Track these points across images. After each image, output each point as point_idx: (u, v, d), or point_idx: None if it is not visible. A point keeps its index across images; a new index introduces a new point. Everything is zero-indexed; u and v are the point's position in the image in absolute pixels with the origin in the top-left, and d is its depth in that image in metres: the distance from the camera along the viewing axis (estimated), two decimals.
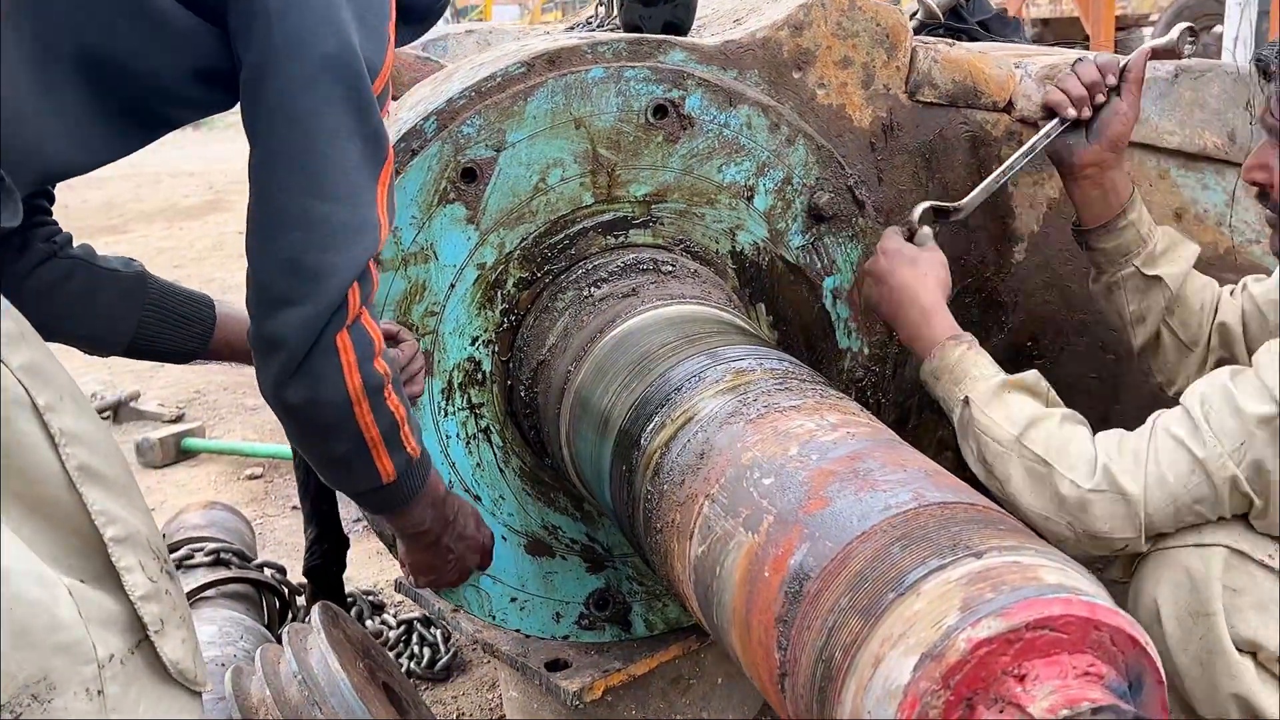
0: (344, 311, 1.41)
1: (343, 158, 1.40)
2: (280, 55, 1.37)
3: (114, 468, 1.37)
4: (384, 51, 1.46)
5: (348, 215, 1.41)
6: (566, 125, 1.93)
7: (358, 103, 1.40)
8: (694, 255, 2.05)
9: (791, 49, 2.06)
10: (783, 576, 1.25)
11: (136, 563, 1.35)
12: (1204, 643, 1.58)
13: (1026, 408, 1.72)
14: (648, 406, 1.65)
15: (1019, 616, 1.05)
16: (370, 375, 1.46)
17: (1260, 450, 1.54)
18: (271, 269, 1.41)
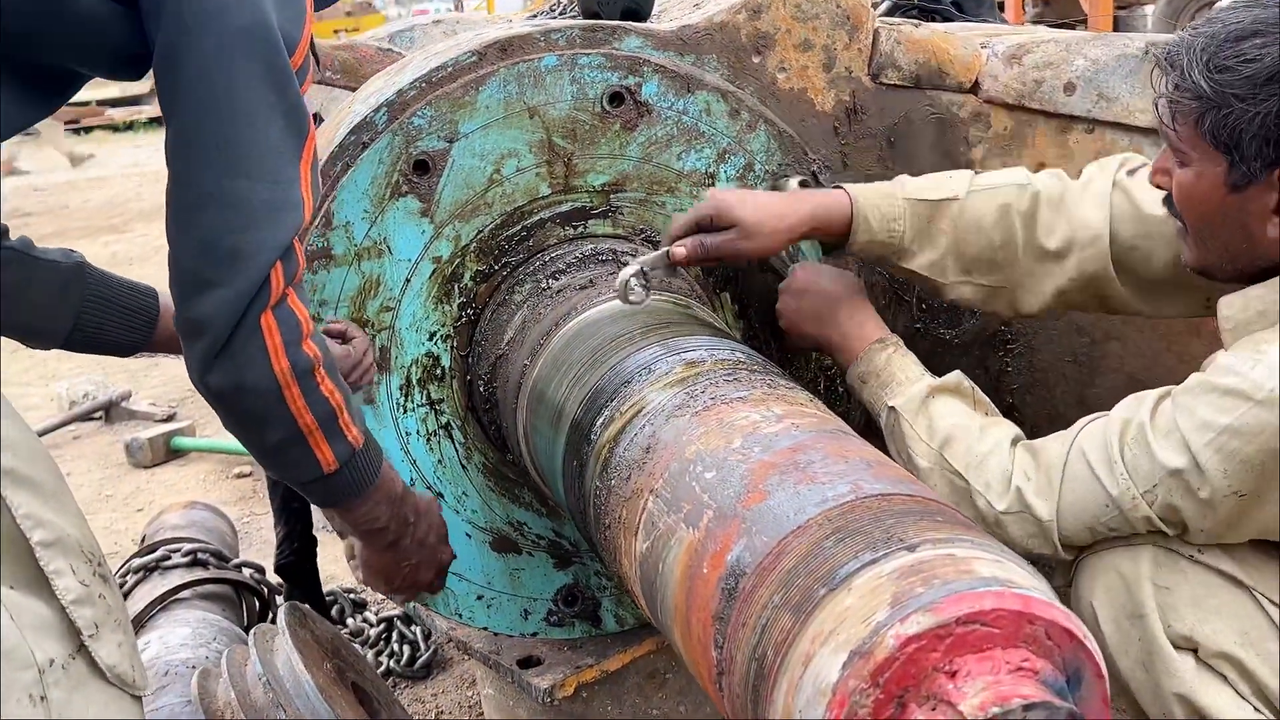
0: (266, 292, 1.38)
1: (262, 135, 1.36)
2: (193, 31, 1.33)
3: (40, 471, 1.35)
4: (301, 23, 1.43)
5: (268, 193, 1.37)
6: (520, 115, 1.90)
7: (276, 77, 1.37)
8: (655, 245, 2.01)
9: (750, 33, 2.02)
10: (720, 573, 1.22)
11: (67, 566, 1.33)
12: (1142, 644, 1.55)
13: (949, 417, 1.71)
14: (599, 399, 1.63)
15: (949, 611, 1.02)
16: (298, 358, 1.42)
17: (1173, 498, 1.50)
18: (191, 250, 1.38)
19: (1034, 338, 2.26)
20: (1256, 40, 1.47)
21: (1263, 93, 1.45)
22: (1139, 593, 1.54)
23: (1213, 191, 1.54)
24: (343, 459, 1.53)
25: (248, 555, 3.10)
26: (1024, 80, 2.14)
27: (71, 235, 9.50)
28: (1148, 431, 1.51)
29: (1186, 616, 1.52)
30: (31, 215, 10.17)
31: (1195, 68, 1.50)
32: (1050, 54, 2.15)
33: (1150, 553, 1.54)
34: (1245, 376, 1.45)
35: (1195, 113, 1.51)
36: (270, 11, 1.37)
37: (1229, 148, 1.49)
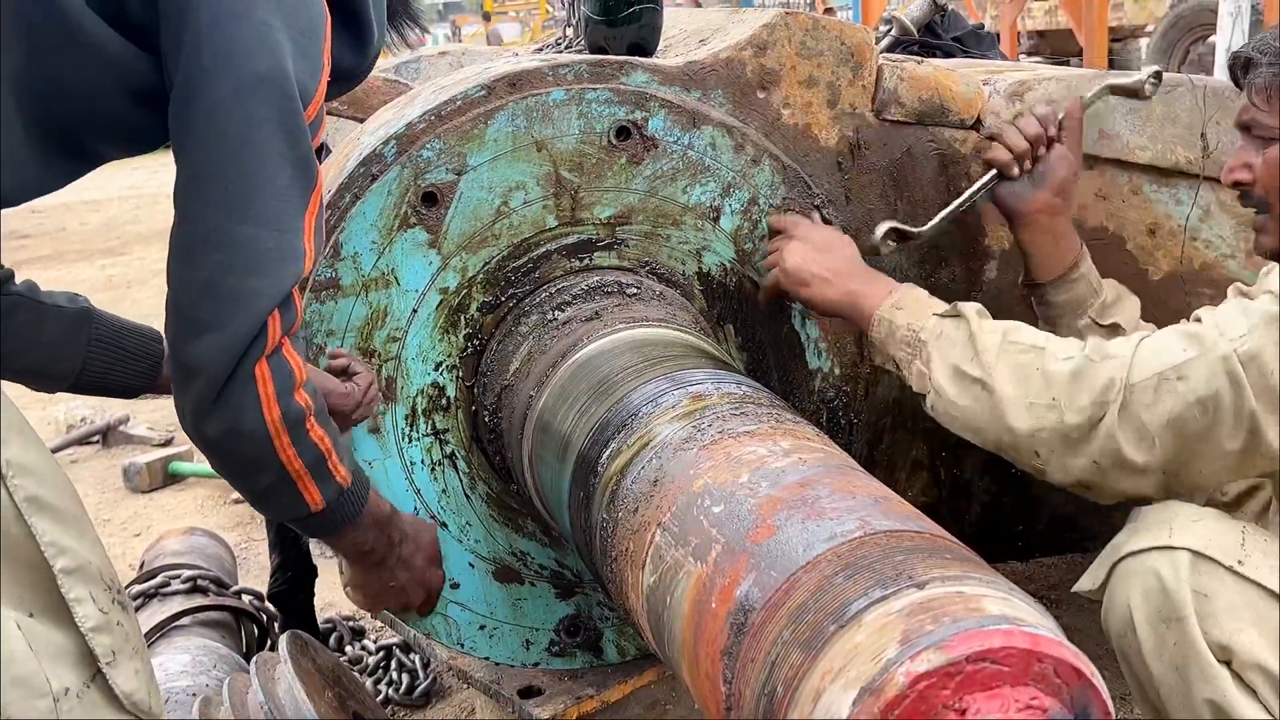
0: (263, 340, 1.38)
1: (270, 181, 1.37)
2: (210, 73, 1.34)
3: (64, 499, 1.36)
4: (318, 76, 1.44)
5: (272, 240, 1.37)
6: (528, 148, 1.92)
7: (289, 126, 1.37)
8: (660, 277, 2.03)
9: (755, 69, 2.04)
10: (729, 608, 1.23)
11: (87, 594, 1.34)
12: (1178, 648, 1.56)
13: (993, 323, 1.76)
14: (605, 432, 1.64)
15: (959, 649, 1.02)
16: (290, 408, 1.43)
17: (1260, 342, 1.54)
18: (191, 292, 1.38)
19: None
20: None
21: None
22: (1178, 596, 1.55)
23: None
24: (330, 499, 1.55)
25: (246, 581, 3.09)
26: None
27: (69, 258, 9.51)
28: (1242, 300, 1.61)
29: (1225, 624, 1.53)
30: (29, 238, 10.18)
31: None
32: (1051, 92, 2.17)
33: (1189, 558, 1.56)
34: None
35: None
36: (288, 61, 1.38)
37: None
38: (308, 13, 1.43)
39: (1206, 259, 2.27)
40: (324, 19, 1.46)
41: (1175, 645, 1.55)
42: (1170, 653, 1.56)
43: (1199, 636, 1.55)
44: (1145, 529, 1.63)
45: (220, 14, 1.35)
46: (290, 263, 1.39)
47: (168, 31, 1.37)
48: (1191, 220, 2.25)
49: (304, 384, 1.45)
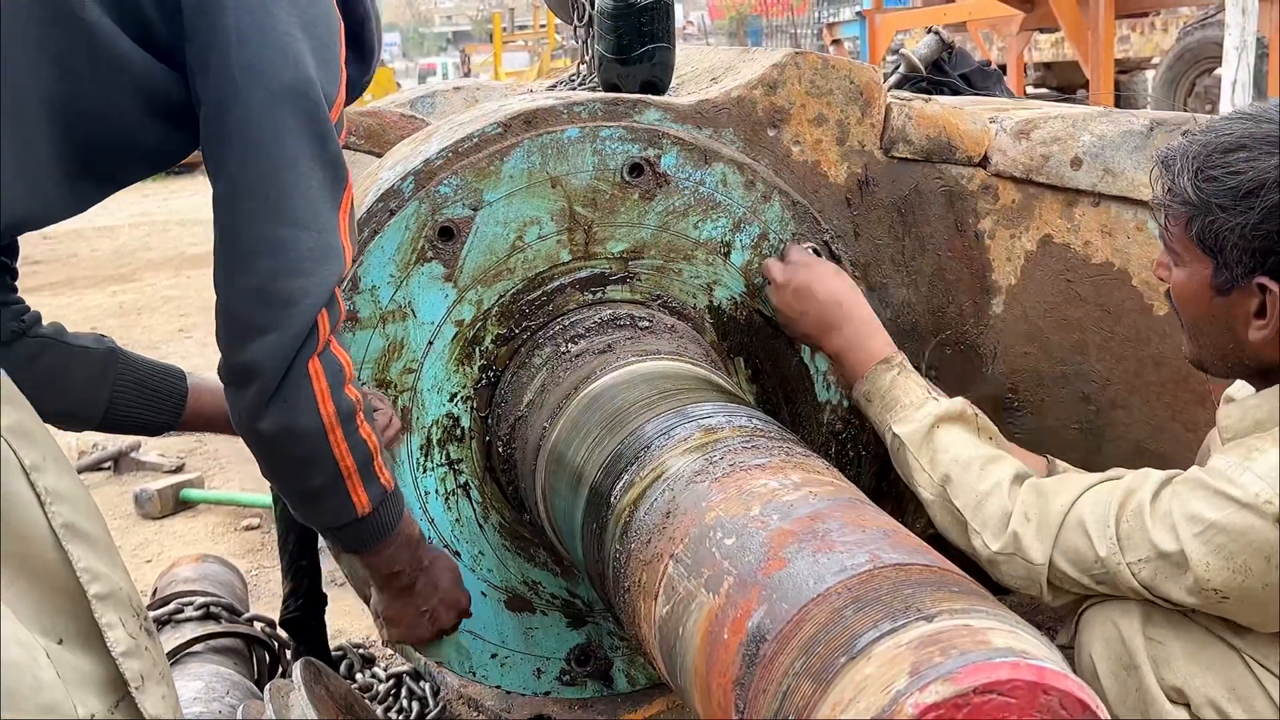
0: (315, 338, 1.44)
1: (305, 185, 1.43)
2: (239, 87, 1.40)
3: (96, 526, 1.39)
4: (338, 81, 1.50)
5: (313, 241, 1.43)
6: (543, 184, 1.96)
7: (317, 130, 1.44)
8: (671, 311, 2.06)
9: (766, 107, 2.08)
10: (741, 639, 1.26)
11: (118, 619, 1.37)
12: (1138, 695, 1.59)
13: (952, 449, 1.77)
14: (619, 464, 1.67)
15: (967, 681, 1.05)
16: (343, 402, 1.48)
17: (1158, 579, 1.56)
18: (241, 298, 1.44)
19: (1041, 405, 2.30)
20: (1243, 154, 1.56)
21: (1243, 204, 1.54)
22: (1132, 643, 1.58)
23: (1201, 292, 1.63)
24: (376, 501, 1.59)
25: (257, 608, 3.11)
26: (1032, 155, 2.20)
27: (80, 284, 9.57)
28: (1145, 509, 1.57)
29: (1179, 669, 1.56)
30: (40, 264, 10.25)
31: (1186, 174, 1.60)
32: (1058, 130, 2.21)
33: (1142, 606, 1.59)
34: (1234, 481, 1.52)
35: (1184, 217, 1.61)
36: (312, 69, 1.44)
37: (1214, 252, 1.59)
38: (325, 23, 1.50)
39: None
40: (339, 29, 1.53)
41: (1136, 692, 1.58)
42: (1132, 699, 1.59)
43: (1154, 683, 1.57)
44: None
45: (245, 31, 1.40)
46: (332, 261, 1.46)
47: (194, 50, 1.42)
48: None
49: (353, 379, 1.51)
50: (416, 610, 1.84)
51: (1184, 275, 1.65)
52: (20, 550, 1.30)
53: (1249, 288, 1.57)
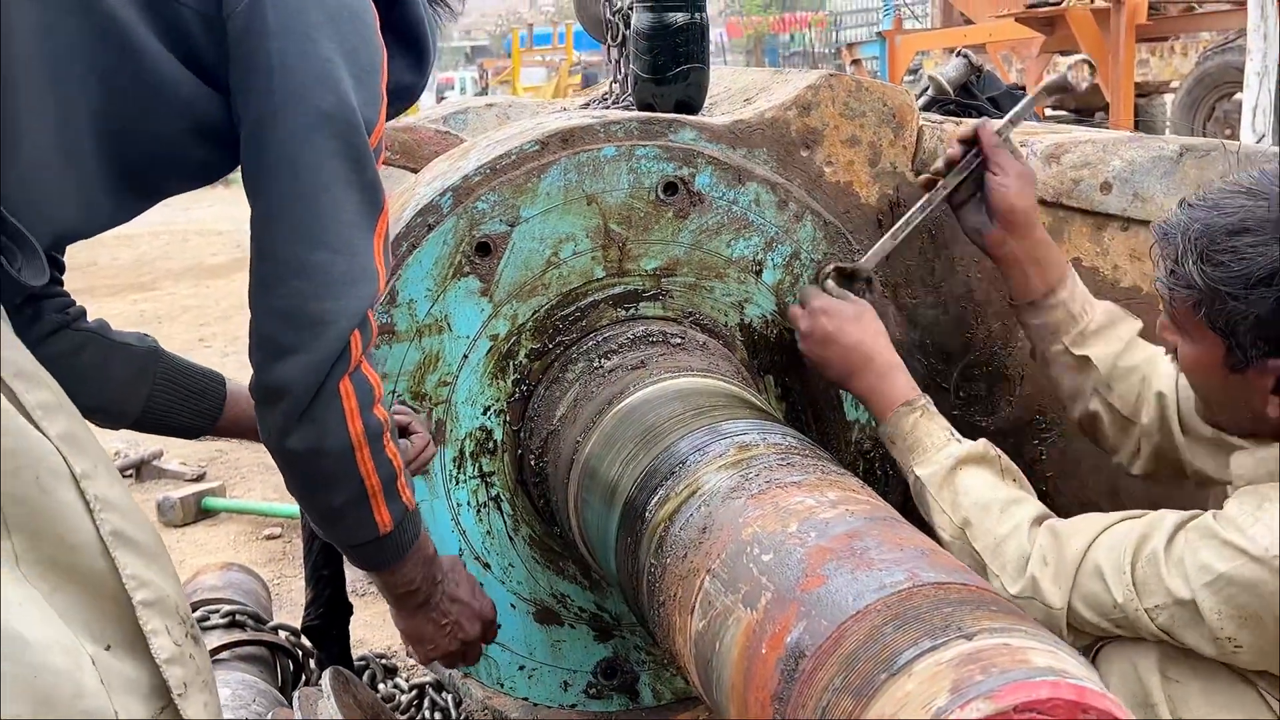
0: (346, 358, 1.45)
1: (340, 209, 1.45)
2: (280, 111, 1.42)
3: (144, 533, 1.41)
4: (378, 106, 1.51)
5: (346, 264, 1.45)
6: (579, 201, 1.98)
7: (354, 155, 1.45)
8: (703, 328, 2.08)
9: (799, 128, 2.10)
10: (779, 654, 1.27)
11: (163, 627, 1.39)
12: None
13: (973, 493, 1.77)
14: (653, 479, 1.68)
15: (1007, 699, 1.06)
16: (371, 421, 1.50)
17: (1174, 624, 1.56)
18: (273, 318, 1.45)
19: (1068, 427, 2.31)
20: (1248, 238, 1.52)
21: (1255, 293, 1.51)
22: (1149, 683, 1.59)
23: (1214, 369, 1.60)
24: (397, 519, 1.60)
25: (279, 617, 3.13)
26: (1062, 179, 2.22)
27: (100, 292, 9.63)
28: (1160, 555, 1.57)
29: (1196, 708, 1.56)
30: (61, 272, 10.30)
31: (1190, 257, 1.56)
32: (1088, 154, 2.23)
33: (1160, 645, 1.59)
34: (1244, 532, 1.51)
35: (1191, 300, 1.57)
36: (351, 94, 1.45)
37: (1226, 334, 1.55)
38: (367, 50, 1.51)
39: None
40: (382, 56, 1.54)
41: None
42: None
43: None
44: None
45: (287, 57, 1.42)
46: (364, 284, 1.47)
47: (237, 73, 1.45)
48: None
49: (381, 400, 1.52)
50: (437, 625, 1.83)
51: (1194, 351, 1.62)
52: (68, 559, 1.32)
53: (1265, 367, 1.54)
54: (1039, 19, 10.31)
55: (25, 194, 1.38)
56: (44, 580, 1.31)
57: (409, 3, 1.65)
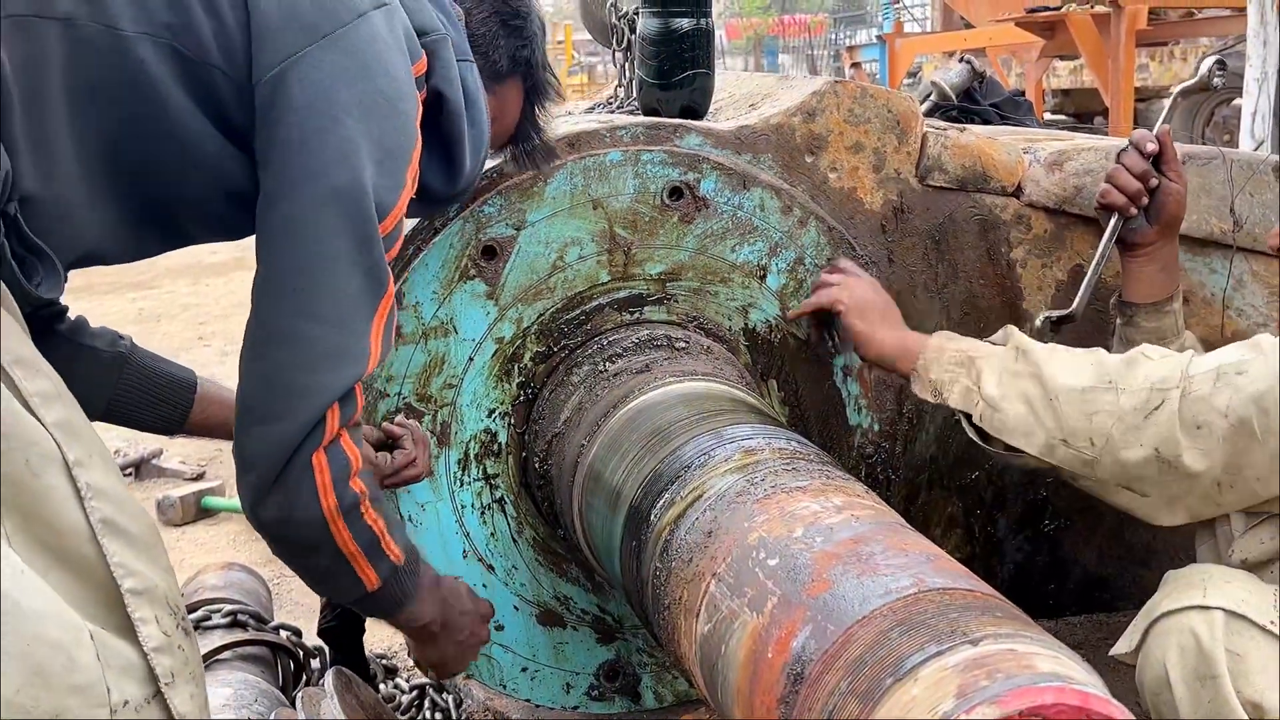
0: (320, 431, 1.44)
1: (339, 284, 1.45)
2: (294, 183, 1.44)
3: (137, 524, 1.41)
4: (398, 192, 1.52)
5: (337, 339, 1.45)
6: (585, 206, 1.99)
7: (360, 236, 1.46)
8: (707, 332, 2.09)
9: (804, 134, 2.12)
10: (785, 658, 1.28)
11: (152, 616, 1.38)
12: (1212, 705, 1.60)
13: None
14: (658, 483, 1.69)
15: (1013, 704, 1.07)
16: (345, 495, 1.48)
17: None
18: (255, 384, 1.46)
19: None
20: None
21: None
22: (1213, 655, 1.59)
23: None
24: (385, 576, 1.59)
25: (280, 617, 3.14)
26: (1065, 186, 2.23)
27: (99, 290, 9.61)
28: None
29: (1257, 683, 1.57)
30: None
31: None
32: (1090, 161, 2.24)
33: (1224, 618, 1.60)
34: None
35: None
36: (367, 178, 1.46)
37: None
38: (396, 134, 1.52)
39: (1239, 327, 2.32)
40: (414, 142, 1.55)
41: (1210, 703, 1.59)
42: (1205, 710, 1.60)
43: (1233, 694, 1.58)
44: (1180, 590, 1.67)
45: (309, 131, 1.44)
46: (352, 362, 1.47)
47: (262, 141, 1.47)
48: (1225, 290, 2.31)
49: (360, 472, 1.51)
50: (455, 644, 1.84)
51: None
52: (58, 543, 1.33)
53: None
54: (1039, 23, 10.32)
55: (57, 214, 1.41)
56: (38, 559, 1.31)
57: (452, 115, 1.66)
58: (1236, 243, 2.30)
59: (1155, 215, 2.02)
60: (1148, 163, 2.00)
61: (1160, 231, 2.03)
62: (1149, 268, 2.05)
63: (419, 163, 1.57)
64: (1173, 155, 2.02)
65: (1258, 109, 7.47)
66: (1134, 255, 2.06)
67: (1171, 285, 2.06)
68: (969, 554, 2.37)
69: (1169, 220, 2.02)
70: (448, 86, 1.65)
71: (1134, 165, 2.00)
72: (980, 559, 2.38)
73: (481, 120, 1.72)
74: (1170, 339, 2.04)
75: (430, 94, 1.63)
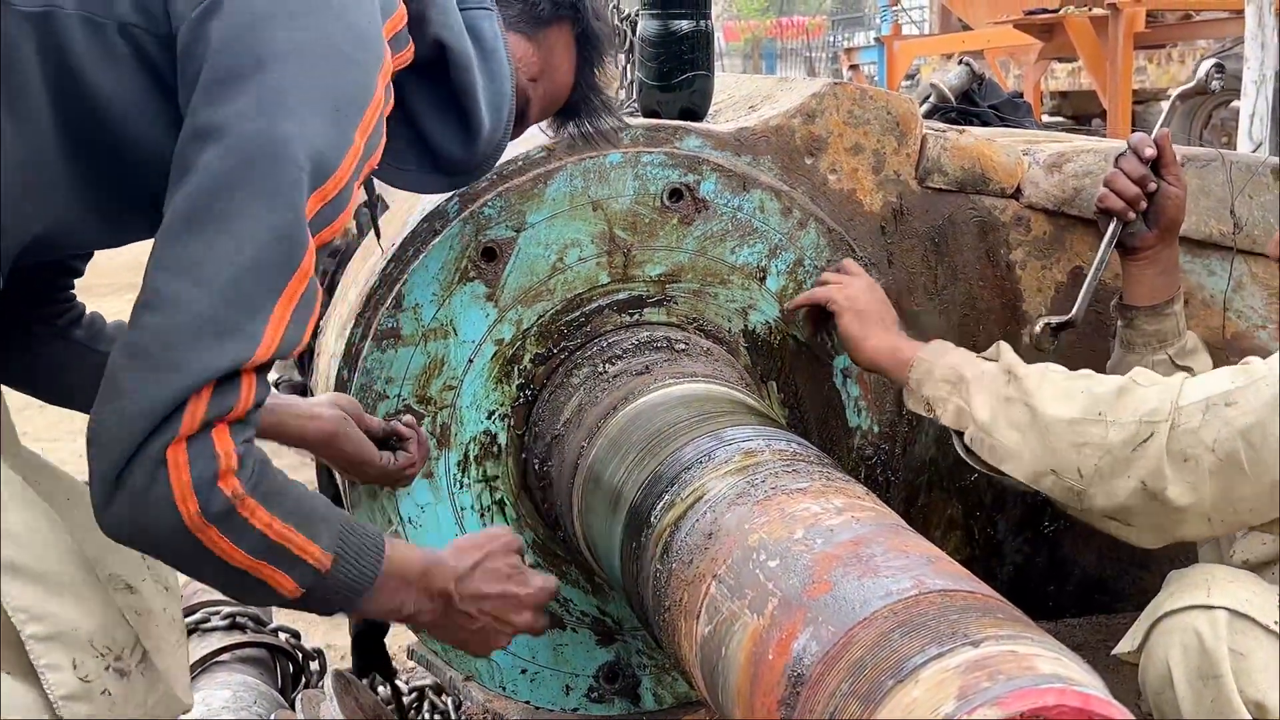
0: (177, 420, 1.20)
1: (235, 249, 1.23)
2: (213, 129, 1.25)
3: (51, 563, 1.34)
4: (341, 152, 1.31)
5: (217, 312, 1.22)
6: (585, 207, 1.99)
7: (276, 199, 1.25)
8: (707, 334, 2.09)
9: (804, 136, 2.12)
10: (786, 660, 1.28)
11: (67, 661, 1.32)
12: (1215, 705, 1.60)
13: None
14: (658, 484, 1.69)
15: (1014, 706, 1.07)
16: (211, 500, 1.22)
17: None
18: (120, 352, 1.24)
19: None
20: None
21: None
22: (1216, 654, 1.59)
23: None
24: (309, 583, 1.34)
25: (278, 619, 3.13)
26: (1064, 188, 2.23)
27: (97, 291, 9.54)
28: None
29: (1260, 682, 1.57)
30: None
31: None
32: (1089, 163, 2.24)
33: (1228, 617, 1.60)
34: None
35: None
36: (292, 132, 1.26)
37: None
38: (346, 87, 1.33)
39: (1238, 329, 2.32)
40: (369, 97, 1.36)
41: (1213, 702, 1.59)
42: (1208, 710, 1.60)
43: (1236, 694, 1.58)
44: (1183, 590, 1.67)
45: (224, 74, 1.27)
46: (235, 341, 1.23)
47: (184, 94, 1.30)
48: (1224, 291, 2.31)
49: (236, 470, 1.25)
50: (468, 630, 1.60)
51: None
52: None
53: None
54: (1037, 25, 10.32)
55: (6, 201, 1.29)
56: None
57: (459, 66, 1.50)
58: (1236, 245, 2.30)
59: (1154, 219, 2.02)
60: (1146, 167, 2.00)
61: (1159, 235, 2.03)
62: (1149, 271, 2.05)
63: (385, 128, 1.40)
64: (1172, 159, 2.02)
65: (1256, 111, 7.48)
66: (1133, 259, 2.06)
67: (1172, 288, 2.06)
68: (969, 555, 2.37)
69: (1168, 224, 2.03)
70: (448, 34, 1.49)
71: (1132, 170, 2.00)
72: (980, 560, 2.38)
73: (502, 74, 1.56)
74: (1171, 341, 2.05)
75: (431, 45, 1.49)
